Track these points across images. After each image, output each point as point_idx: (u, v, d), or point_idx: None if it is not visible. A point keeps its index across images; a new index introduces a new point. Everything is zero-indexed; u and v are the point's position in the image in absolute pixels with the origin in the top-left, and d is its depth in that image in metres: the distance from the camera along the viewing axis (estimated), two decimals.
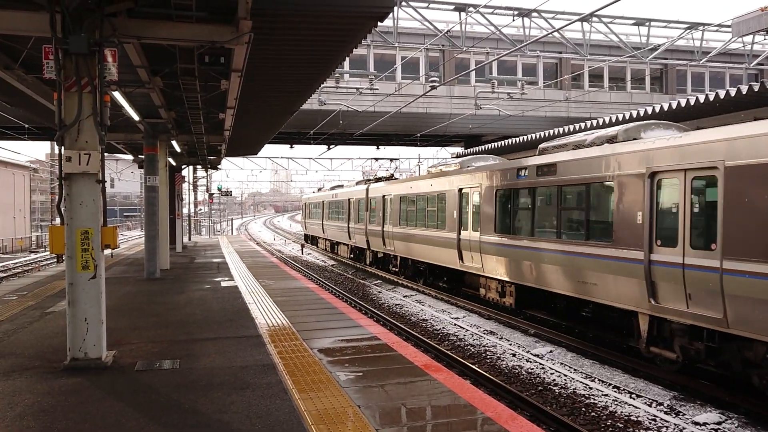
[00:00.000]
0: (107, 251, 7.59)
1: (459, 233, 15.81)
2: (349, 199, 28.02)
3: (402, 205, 20.62)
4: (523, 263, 12.64)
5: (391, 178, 25.79)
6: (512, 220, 13.21)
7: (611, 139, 10.59)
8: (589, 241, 10.51)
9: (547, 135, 20.05)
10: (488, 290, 14.77)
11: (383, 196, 22.83)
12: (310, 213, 39.50)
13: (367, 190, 25.13)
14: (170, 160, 22.57)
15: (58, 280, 15.61)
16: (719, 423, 7.56)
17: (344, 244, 30.00)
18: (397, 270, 21.86)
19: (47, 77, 7.06)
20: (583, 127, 17.83)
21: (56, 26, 6.73)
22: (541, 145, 12.80)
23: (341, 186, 33.01)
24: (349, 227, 27.85)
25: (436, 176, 17.96)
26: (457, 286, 17.66)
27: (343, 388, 6.34)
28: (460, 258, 15.75)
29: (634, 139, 10.19)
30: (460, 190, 15.86)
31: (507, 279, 13.47)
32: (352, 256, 28.70)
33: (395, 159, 30.18)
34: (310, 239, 41.19)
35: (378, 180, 26.35)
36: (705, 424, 7.54)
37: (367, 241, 24.96)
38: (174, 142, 18.86)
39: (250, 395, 6.09)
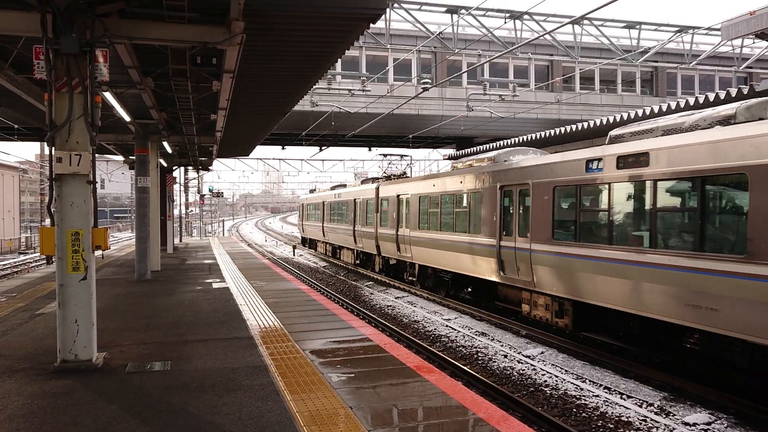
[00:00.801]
0: (98, 252, 7.54)
1: (500, 239, 13.17)
2: (354, 200, 25.51)
3: (422, 205, 17.96)
4: (592, 278, 10.16)
5: (402, 176, 23.48)
6: (578, 223, 10.66)
7: (726, 120, 8.42)
8: (705, 253, 8.07)
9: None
10: (534, 307, 12.29)
11: (398, 196, 20.22)
12: (308, 214, 36.74)
13: (377, 189, 22.51)
14: (161, 161, 22.49)
15: (48, 282, 15.52)
16: (709, 423, 7.61)
17: (348, 248, 27.46)
18: (414, 280, 19.46)
19: (38, 77, 7.03)
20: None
21: (47, 26, 6.69)
22: (613, 132, 10.48)
23: (344, 186, 30.58)
24: (354, 230, 25.36)
25: (467, 172, 15.15)
26: (487, 299, 15.37)
27: (335, 389, 6.33)
28: (501, 269, 13.11)
29: (761, 119, 8.04)
30: (502, 188, 13.19)
31: (565, 295, 11.05)
32: (357, 262, 26.24)
33: (405, 156, 27.50)
34: (308, 243, 38.38)
35: (389, 178, 23.89)
36: (695, 424, 7.59)
37: (377, 247, 22.44)
38: (165, 143, 18.79)
39: (241, 396, 6.08)
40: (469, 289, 16.25)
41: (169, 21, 7.80)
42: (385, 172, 25.89)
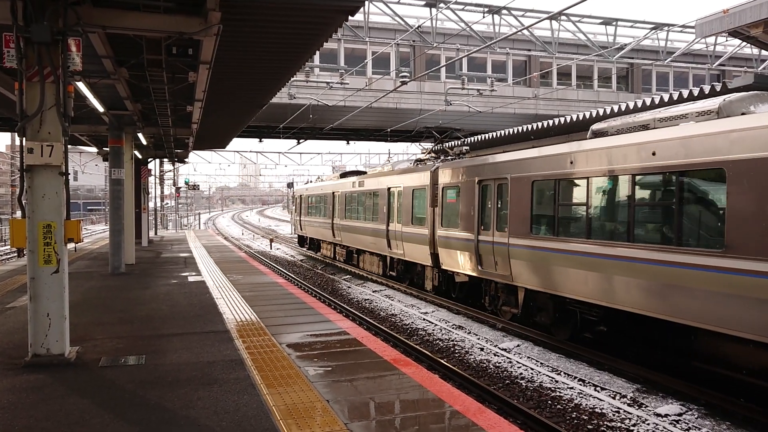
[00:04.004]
0: (70, 245, 7.43)
1: None
2: (389, 189, 19.28)
3: (538, 195, 11.38)
4: None
5: (461, 155, 16.93)
6: None
7: None
8: None
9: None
10: None
11: (478, 182, 13.50)
12: (308, 209, 30.40)
13: (435, 173, 15.95)
14: (136, 152, 22.16)
15: (19, 275, 15.24)
16: (680, 414, 7.76)
17: (375, 254, 21.11)
18: (512, 311, 12.57)
19: (8, 66, 6.87)
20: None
21: (18, 14, 6.55)
22: None
23: (364, 172, 25.15)
24: (388, 231, 19.07)
25: (667, 135, 8.41)
26: (668, 354, 9.29)
27: (312, 382, 6.32)
28: None
29: None
30: None
31: None
32: (392, 273, 19.81)
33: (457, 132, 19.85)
34: (308, 243, 32.00)
35: (438, 157, 17.72)
36: (666, 415, 7.73)
37: (434, 255, 16.03)
38: (140, 135, 18.53)
39: (217, 390, 6.04)
40: (603, 328, 10.61)
41: (144, 10, 7.69)
42: (431, 152, 19.59)
